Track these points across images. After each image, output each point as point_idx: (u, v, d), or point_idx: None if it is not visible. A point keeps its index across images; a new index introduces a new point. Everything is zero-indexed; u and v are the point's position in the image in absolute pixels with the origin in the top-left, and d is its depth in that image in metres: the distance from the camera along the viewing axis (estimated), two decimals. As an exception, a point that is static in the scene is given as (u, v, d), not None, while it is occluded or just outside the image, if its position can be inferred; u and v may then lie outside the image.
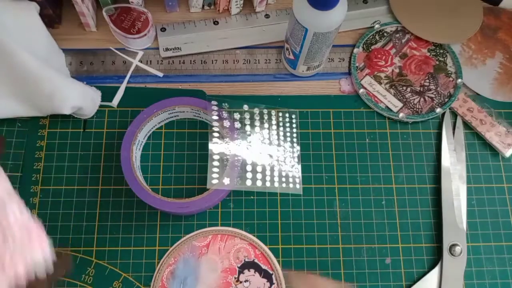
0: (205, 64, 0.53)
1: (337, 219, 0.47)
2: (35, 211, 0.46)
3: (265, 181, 0.46)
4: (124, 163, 0.44)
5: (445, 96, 0.52)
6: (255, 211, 0.47)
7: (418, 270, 0.46)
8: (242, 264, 0.43)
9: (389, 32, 0.56)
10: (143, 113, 0.46)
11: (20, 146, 0.49)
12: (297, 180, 0.47)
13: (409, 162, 0.50)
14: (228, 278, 0.43)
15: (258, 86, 0.53)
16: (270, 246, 0.46)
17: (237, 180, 0.44)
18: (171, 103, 0.47)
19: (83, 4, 0.49)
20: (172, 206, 0.43)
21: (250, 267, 0.43)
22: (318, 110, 0.51)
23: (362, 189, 0.48)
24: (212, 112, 0.46)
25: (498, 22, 0.57)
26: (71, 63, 0.52)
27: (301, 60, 0.50)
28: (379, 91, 0.52)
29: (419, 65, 0.54)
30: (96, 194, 0.47)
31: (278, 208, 0.47)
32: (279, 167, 0.47)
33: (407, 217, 0.48)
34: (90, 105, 0.49)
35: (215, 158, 0.45)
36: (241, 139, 0.46)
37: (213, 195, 0.44)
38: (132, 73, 0.52)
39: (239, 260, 0.43)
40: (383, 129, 0.51)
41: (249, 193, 0.48)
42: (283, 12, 0.56)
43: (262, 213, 0.47)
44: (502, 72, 0.54)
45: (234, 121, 0.47)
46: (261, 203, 0.47)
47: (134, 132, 0.45)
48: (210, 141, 0.46)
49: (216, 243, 0.43)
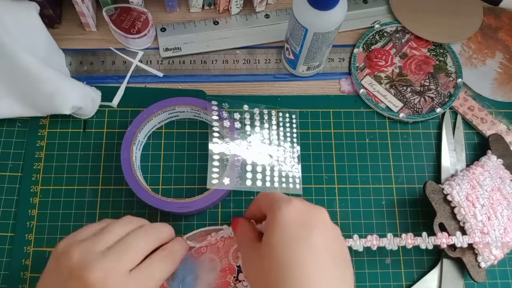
0: (205, 64, 0.53)
1: (337, 219, 0.47)
2: (35, 211, 0.46)
3: (265, 181, 0.46)
4: (124, 163, 0.44)
5: (445, 96, 0.52)
6: (255, 211, 0.47)
7: (418, 270, 0.46)
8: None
9: (389, 32, 0.56)
10: (143, 113, 0.46)
11: (20, 146, 0.49)
12: (297, 180, 0.47)
13: (409, 162, 0.50)
14: (227, 277, 0.42)
15: (258, 86, 0.53)
16: (270, 246, 0.46)
17: (237, 180, 0.44)
18: (171, 103, 0.47)
19: (83, 4, 0.49)
20: (172, 206, 0.43)
21: None
22: (318, 110, 0.51)
23: (362, 189, 0.48)
24: (212, 112, 0.46)
25: (498, 22, 0.57)
26: (71, 63, 0.52)
27: (301, 60, 0.50)
28: (379, 91, 0.52)
29: (419, 65, 0.54)
30: (96, 194, 0.47)
31: (278, 208, 0.47)
32: (279, 167, 0.47)
33: (407, 217, 0.48)
34: (90, 105, 0.49)
35: (215, 158, 0.45)
36: (241, 139, 0.46)
37: (213, 195, 0.44)
38: (132, 73, 0.52)
39: (238, 259, 0.43)
40: (383, 129, 0.51)
41: (249, 193, 0.48)
42: (283, 12, 0.56)
43: (262, 213, 0.47)
44: (502, 72, 0.54)
45: (234, 121, 0.47)
46: (261, 203, 0.47)
47: (134, 132, 0.45)
48: (210, 141, 0.46)
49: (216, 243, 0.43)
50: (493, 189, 0.45)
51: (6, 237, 0.45)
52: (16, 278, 0.44)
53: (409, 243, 0.43)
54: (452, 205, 0.44)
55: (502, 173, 0.47)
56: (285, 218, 0.33)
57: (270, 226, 0.33)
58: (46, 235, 0.45)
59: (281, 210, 0.33)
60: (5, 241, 0.45)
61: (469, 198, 0.44)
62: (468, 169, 0.47)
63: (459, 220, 0.44)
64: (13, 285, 0.44)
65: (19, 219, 0.46)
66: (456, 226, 0.44)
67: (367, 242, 0.42)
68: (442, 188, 0.45)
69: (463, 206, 0.44)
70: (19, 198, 0.47)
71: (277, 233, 0.32)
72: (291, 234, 0.32)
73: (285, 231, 0.32)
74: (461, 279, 0.45)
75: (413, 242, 0.43)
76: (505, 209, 0.44)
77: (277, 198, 0.35)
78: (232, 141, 0.46)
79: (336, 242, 0.34)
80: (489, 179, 0.46)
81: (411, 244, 0.43)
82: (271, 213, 0.34)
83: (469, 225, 0.43)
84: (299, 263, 0.31)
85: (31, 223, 0.46)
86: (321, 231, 0.33)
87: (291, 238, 0.32)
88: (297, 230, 0.32)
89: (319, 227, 0.33)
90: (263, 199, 0.37)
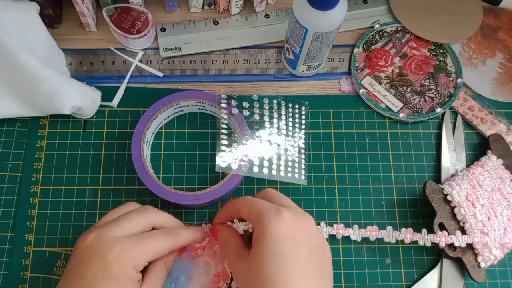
0: (205, 64, 0.53)
1: (337, 219, 0.47)
2: (35, 211, 0.46)
3: (272, 170, 0.46)
4: (136, 162, 0.44)
5: (445, 96, 0.52)
6: (255, 211, 0.47)
7: (418, 270, 0.46)
8: None
9: (389, 32, 0.56)
10: (149, 110, 0.47)
11: (20, 146, 0.49)
12: (303, 171, 0.48)
13: (409, 162, 0.50)
14: (220, 283, 0.42)
15: (258, 86, 0.53)
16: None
17: (244, 165, 0.45)
18: (176, 97, 0.47)
19: (83, 4, 0.49)
20: (190, 199, 0.43)
21: None
22: (318, 110, 0.51)
23: (362, 189, 0.48)
24: (221, 100, 0.47)
25: (498, 22, 0.57)
26: (71, 63, 0.52)
27: (301, 60, 0.50)
28: (379, 91, 0.52)
29: (419, 65, 0.54)
30: (96, 194, 0.47)
31: (278, 208, 0.47)
32: (286, 157, 0.47)
33: (407, 217, 0.48)
34: (90, 105, 0.49)
35: (224, 143, 0.45)
36: (249, 128, 0.47)
37: (227, 184, 0.44)
38: (132, 73, 0.52)
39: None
40: (383, 129, 0.51)
41: (249, 193, 0.48)
42: (283, 12, 0.56)
43: (262, 213, 0.47)
44: (502, 72, 0.54)
45: (243, 110, 0.47)
46: (261, 203, 0.47)
47: (143, 130, 0.46)
48: (219, 129, 0.46)
49: (213, 246, 0.43)
50: (493, 189, 0.45)
51: (6, 237, 0.45)
52: (16, 278, 0.44)
53: (408, 238, 0.44)
54: (452, 205, 0.44)
55: (502, 173, 0.47)
56: (275, 232, 0.33)
57: (260, 239, 0.34)
58: (46, 235, 0.45)
59: (271, 223, 0.33)
60: (5, 241, 0.45)
61: (469, 198, 0.44)
62: (468, 169, 0.47)
63: (459, 220, 0.44)
64: (13, 285, 0.44)
65: (19, 219, 0.46)
66: (456, 226, 0.44)
67: (366, 232, 0.44)
68: (442, 188, 0.45)
69: (463, 206, 0.44)
70: (19, 198, 0.47)
71: (266, 247, 0.33)
72: (280, 248, 0.33)
73: (275, 245, 0.33)
74: (461, 279, 0.45)
75: (412, 238, 0.43)
76: (505, 209, 0.44)
77: (265, 209, 0.35)
78: (240, 129, 0.46)
79: (320, 254, 0.35)
80: (489, 179, 0.46)
81: (409, 239, 0.43)
82: (260, 225, 0.34)
83: (469, 225, 0.43)
84: (287, 278, 0.32)
85: (31, 223, 0.46)
86: (307, 244, 0.34)
87: (280, 252, 0.33)
88: (286, 244, 0.33)
89: (306, 240, 0.34)
90: (246, 206, 0.37)
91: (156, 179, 0.44)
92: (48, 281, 0.44)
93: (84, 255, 0.34)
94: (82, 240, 0.35)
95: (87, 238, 0.34)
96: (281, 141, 0.48)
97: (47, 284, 0.44)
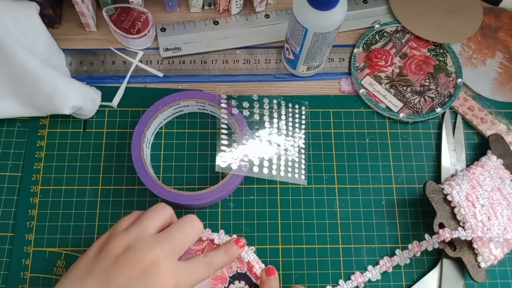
0: (205, 64, 0.53)
1: (337, 219, 0.47)
2: (35, 211, 0.46)
3: (272, 170, 0.46)
4: (136, 162, 0.44)
5: (445, 96, 0.52)
6: (255, 211, 0.47)
7: (418, 270, 0.46)
8: (233, 274, 0.43)
9: (389, 32, 0.56)
10: (149, 110, 0.47)
11: (20, 146, 0.49)
12: (303, 171, 0.48)
13: (409, 162, 0.50)
14: (217, 286, 0.42)
15: (258, 86, 0.53)
16: (270, 246, 0.46)
17: (244, 165, 0.45)
18: (176, 98, 0.47)
19: (83, 4, 0.49)
20: (189, 199, 0.44)
21: (241, 279, 0.43)
22: (318, 110, 0.51)
23: (362, 189, 0.49)
24: (221, 100, 0.47)
25: (498, 22, 0.57)
26: (71, 63, 0.52)
27: (301, 60, 0.50)
28: (379, 91, 0.52)
29: (419, 65, 0.54)
30: (96, 194, 0.47)
31: (278, 208, 0.47)
32: (286, 157, 0.47)
33: (407, 217, 0.48)
34: (90, 105, 0.49)
35: (224, 143, 0.45)
36: (249, 128, 0.47)
37: (227, 184, 0.44)
38: (132, 73, 0.52)
39: (231, 270, 0.43)
40: (383, 129, 0.51)
41: (249, 193, 0.48)
42: (283, 12, 0.56)
43: (262, 213, 0.47)
44: (502, 72, 0.54)
45: (243, 110, 0.47)
46: (261, 203, 0.47)
47: (143, 130, 0.46)
48: (219, 129, 0.46)
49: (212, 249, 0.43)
50: (493, 189, 0.45)
51: (6, 237, 0.45)
52: (16, 278, 0.44)
53: (417, 251, 0.45)
54: (452, 205, 0.44)
55: (502, 173, 0.47)
56: None
57: None
58: (46, 235, 0.45)
59: None
60: (5, 241, 0.45)
61: (469, 198, 0.44)
62: (468, 169, 0.47)
63: (459, 220, 0.44)
64: (13, 285, 0.44)
65: (19, 219, 0.46)
66: (456, 226, 0.44)
67: (382, 267, 0.45)
68: (442, 188, 0.45)
69: (463, 206, 0.44)
70: (19, 198, 0.47)
71: None
72: None
73: None
74: (461, 279, 0.45)
75: (421, 248, 0.44)
76: (505, 209, 0.44)
77: None
78: (240, 129, 0.46)
79: None
80: (489, 179, 0.46)
81: (419, 251, 0.44)
82: None
83: (469, 225, 0.43)
84: None
85: (31, 223, 0.46)
86: None
87: None
88: None
89: None
90: None
91: (156, 179, 0.44)
92: (48, 281, 0.44)
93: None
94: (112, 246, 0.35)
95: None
96: (281, 141, 0.48)
97: (47, 284, 0.44)
